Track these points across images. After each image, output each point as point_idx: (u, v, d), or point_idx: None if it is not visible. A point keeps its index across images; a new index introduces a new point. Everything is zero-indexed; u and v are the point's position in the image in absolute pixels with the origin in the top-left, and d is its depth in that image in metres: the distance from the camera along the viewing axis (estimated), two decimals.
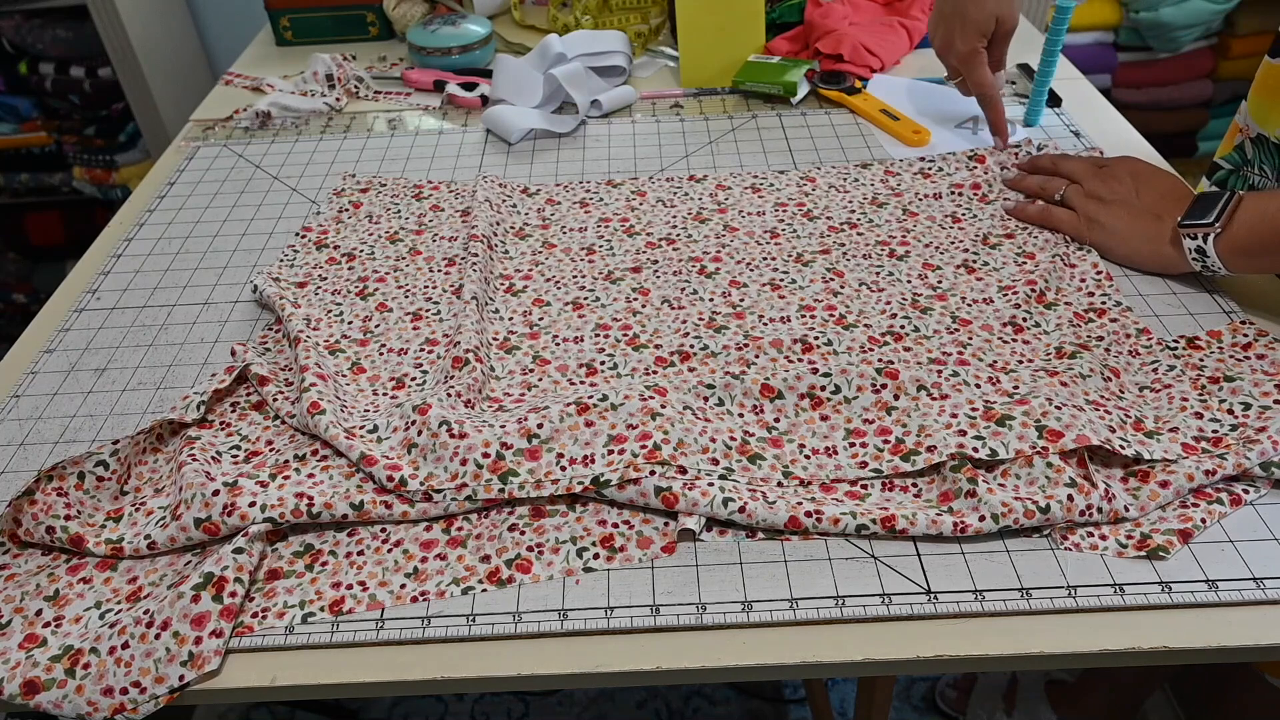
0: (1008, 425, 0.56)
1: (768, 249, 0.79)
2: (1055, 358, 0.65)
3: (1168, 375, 0.63)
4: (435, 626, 0.51)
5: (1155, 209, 0.73)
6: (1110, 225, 0.74)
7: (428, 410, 0.59)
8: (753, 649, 0.49)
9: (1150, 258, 0.72)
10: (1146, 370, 0.64)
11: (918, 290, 0.73)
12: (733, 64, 1.06)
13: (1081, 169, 0.79)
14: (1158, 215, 0.72)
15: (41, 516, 0.55)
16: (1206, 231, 0.67)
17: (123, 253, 0.85)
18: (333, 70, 1.11)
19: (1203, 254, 0.68)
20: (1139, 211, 0.73)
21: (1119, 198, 0.75)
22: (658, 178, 0.90)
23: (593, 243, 0.81)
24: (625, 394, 0.60)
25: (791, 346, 0.67)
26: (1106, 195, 0.76)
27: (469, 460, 0.56)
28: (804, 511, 0.54)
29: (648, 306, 0.73)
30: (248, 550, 0.52)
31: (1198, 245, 0.68)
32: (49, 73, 1.83)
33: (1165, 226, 0.71)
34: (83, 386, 0.69)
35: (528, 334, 0.71)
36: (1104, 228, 0.74)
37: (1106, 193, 0.76)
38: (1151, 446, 0.56)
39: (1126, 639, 0.48)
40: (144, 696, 0.48)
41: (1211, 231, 0.66)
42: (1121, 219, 0.74)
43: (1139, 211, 0.73)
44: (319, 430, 0.59)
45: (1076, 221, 0.76)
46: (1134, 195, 0.75)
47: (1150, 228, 0.72)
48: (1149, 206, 0.73)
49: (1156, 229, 0.72)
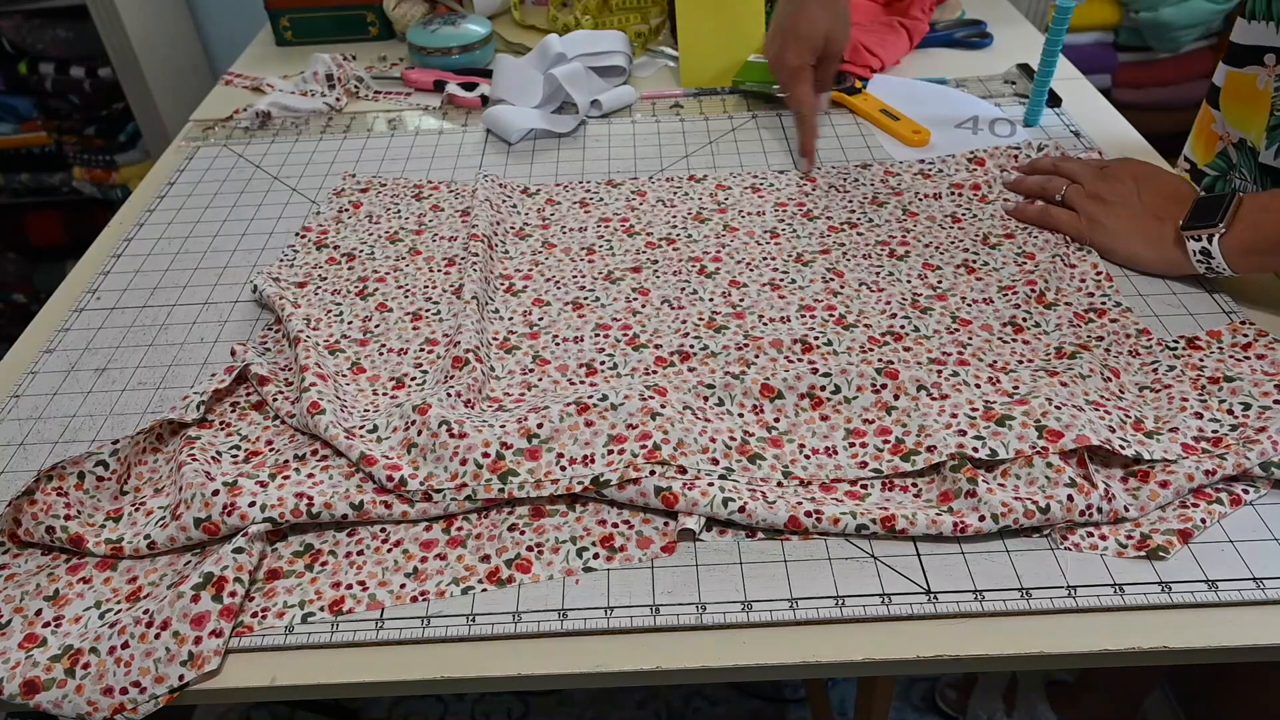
0: (1007, 425, 0.56)
1: (768, 249, 0.79)
2: (1055, 357, 0.65)
3: (1168, 375, 0.63)
4: (435, 626, 0.51)
5: (1157, 210, 0.73)
6: (1112, 226, 0.74)
7: (427, 410, 0.59)
8: (753, 649, 0.49)
9: (1153, 259, 0.72)
10: (1146, 370, 0.64)
11: (918, 290, 0.73)
12: (733, 64, 1.06)
13: (1082, 170, 0.79)
14: (1159, 216, 0.72)
15: (41, 516, 0.55)
16: (1211, 232, 0.67)
17: (123, 253, 0.85)
18: (333, 70, 1.11)
19: (1208, 255, 0.68)
20: (1140, 212, 0.73)
21: (1120, 198, 0.75)
22: (658, 178, 0.90)
23: (593, 243, 0.81)
24: (625, 394, 0.60)
25: (791, 346, 0.67)
26: (1108, 195, 0.75)
27: (469, 460, 0.56)
28: (804, 511, 0.54)
29: (648, 306, 0.73)
30: (248, 550, 0.52)
31: (1202, 247, 0.68)
32: (49, 73, 1.83)
33: (1167, 228, 0.71)
34: (83, 386, 0.69)
35: (528, 334, 0.71)
36: (1105, 228, 0.74)
37: (1108, 193, 0.76)
38: (1151, 446, 0.56)
39: (1126, 639, 0.48)
40: (144, 696, 0.48)
41: (1216, 232, 0.67)
42: (1123, 220, 0.74)
43: (1140, 212, 0.73)
44: (319, 430, 0.59)
45: (1077, 222, 0.76)
46: (1135, 196, 0.74)
47: (1152, 229, 0.72)
48: (1150, 207, 0.73)
49: (1159, 230, 0.72)
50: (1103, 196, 0.76)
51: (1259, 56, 0.75)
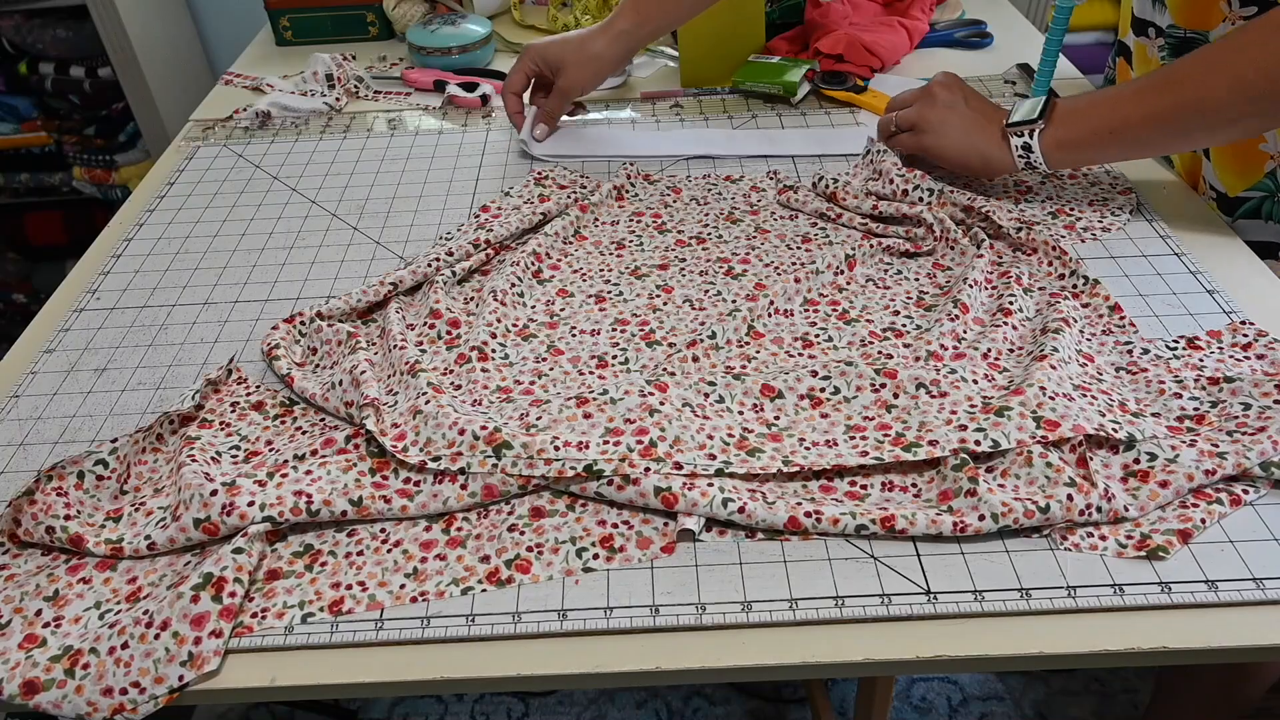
0: (1006, 416, 0.56)
1: (798, 254, 0.79)
2: (1041, 334, 0.65)
3: (1143, 359, 0.64)
4: (435, 627, 0.51)
5: (983, 113, 0.81)
6: (940, 128, 0.81)
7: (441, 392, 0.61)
8: (753, 649, 0.49)
9: (979, 159, 0.80)
10: (1121, 350, 0.65)
11: (924, 289, 0.73)
12: (733, 64, 1.06)
13: (912, 95, 0.86)
14: (985, 118, 0.80)
15: (41, 516, 0.55)
16: (1032, 129, 0.75)
17: (123, 253, 0.85)
18: (333, 70, 1.11)
19: (1028, 150, 0.76)
20: (967, 116, 0.81)
21: (948, 104, 0.81)
22: (694, 175, 0.91)
23: (623, 237, 0.82)
24: (625, 389, 0.60)
25: (792, 344, 0.67)
26: (939, 103, 0.82)
27: (466, 430, 0.57)
28: (803, 512, 0.54)
29: (669, 304, 0.73)
30: (247, 550, 0.52)
31: (1024, 142, 0.76)
32: (49, 72, 1.83)
33: (993, 128, 0.79)
34: (83, 386, 0.69)
35: (547, 323, 0.72)
36: (935, 132, 0.81)
37: (938, 102, 0.82)
38: (1141, 425, 0.57)
39: (1126, 639, 0.48)
40: (143, 697, 0.48)
41: (1036, 128, 0.75)
42: (951, 123, 0.81)
43: (967, 116, 0.81)
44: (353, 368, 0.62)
45: (911, 139, 0.83)
46: (963, 104, 0.81)
47: (977, 129, 0.80)
48: (977, 111, 0.81)
49: (984, 131, 0.79)
50: (933, 105, 0.82)
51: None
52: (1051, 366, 0.60)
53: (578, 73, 0.93)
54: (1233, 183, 0.80)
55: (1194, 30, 0.78)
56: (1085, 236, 0.78)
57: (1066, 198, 0.83)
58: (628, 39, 0.93)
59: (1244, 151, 0.78)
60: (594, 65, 0.94)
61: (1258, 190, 0.78)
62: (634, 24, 0.93)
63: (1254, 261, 0.75)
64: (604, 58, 0.94)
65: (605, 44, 0.93)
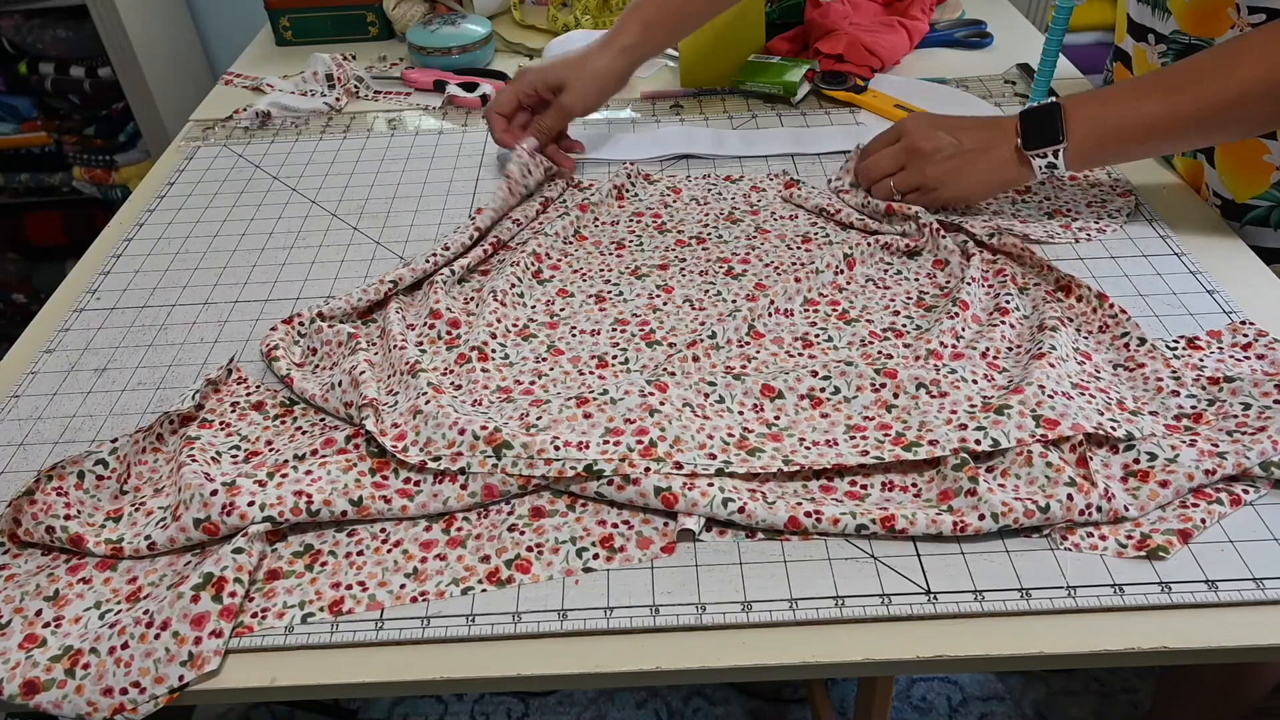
0: (1006, 414, 0.56)
1: (798, 254, 0.79)
2: (1038, 330, 0.65)
3: (1140, 353, 0.63)
4: (435, 627, 0.51)
5: (980, 141, 0.77)
6: (953, 180, 0.78)
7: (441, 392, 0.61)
8: (753, 649, 0.49)
9: (1002, 187, 0.79)
10: (1119, 346, 0.65)
11: (924, 289, 0.73)
12: (733, 64, 1.06)
13: (891, 156, 0.81)
14: (987, 148, 0.77)
15: (41, 516, 0.55)
16: (1057, 149, 0.73)
17: (123, 253, 0.85)
18: (333, 70, 1.11)
19: (1053, 166, 0.74)
20: (970, 155, 0.77)
21: (944, 154, 0.78)
22: (694, 175, 0.91)
23: (623, 237, 0.82)
24: (625, 389, 0.60)
25: (793, 344, 0.67)
26: (932, 157, 0.78)
27: (467, 430, 0.57)
28: (803, 512, 0.54)
29: (669, 304, 0.73)
30: (247, 550, 0.52)
31: (1049, 161, 0.74)
32: (49, 72, 1.83)
33: (1000, 152, 0.76)
34: (83, 386, 0.69)
35: (547, 323, 0.72)
36: (949, 184, 0.78)
37: (932, 154, 0.78)
38: (1140, 423, 0.57)
39: (1126, 639, 0.48)
40: (144, 697, 0.48)
41: (1061, 148, 0.73)
42: (958, 170, 0.78)
43: (970, 155, 0.77)
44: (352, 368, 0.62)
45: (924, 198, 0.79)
46: (955, 143, 0.78)
47: (987, 162, 0.77)
48: (975, 142, 0.77)
49: (993, 160, 0.77)
50: (929, 159, 0.78)
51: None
52: (1050, 365, 0.60)
53: (581, 90, 0.89)
54: (1239, 189, 0.80)
55: (1199, 37, 0.77)
56: (1080, 237, 0.78)
57: (1064, 199, 0.83)
58: (631, 54, 0.90)
59: (1248, 161, 0.78)
60: (597, 82, 0.89)
61: (1265, 200, 0.78)
62: (639, 38, 0.89)
63: (1254, 262, 0.75)
64: (608, 74, 0.90)
65: (609, 60, 0.89)
